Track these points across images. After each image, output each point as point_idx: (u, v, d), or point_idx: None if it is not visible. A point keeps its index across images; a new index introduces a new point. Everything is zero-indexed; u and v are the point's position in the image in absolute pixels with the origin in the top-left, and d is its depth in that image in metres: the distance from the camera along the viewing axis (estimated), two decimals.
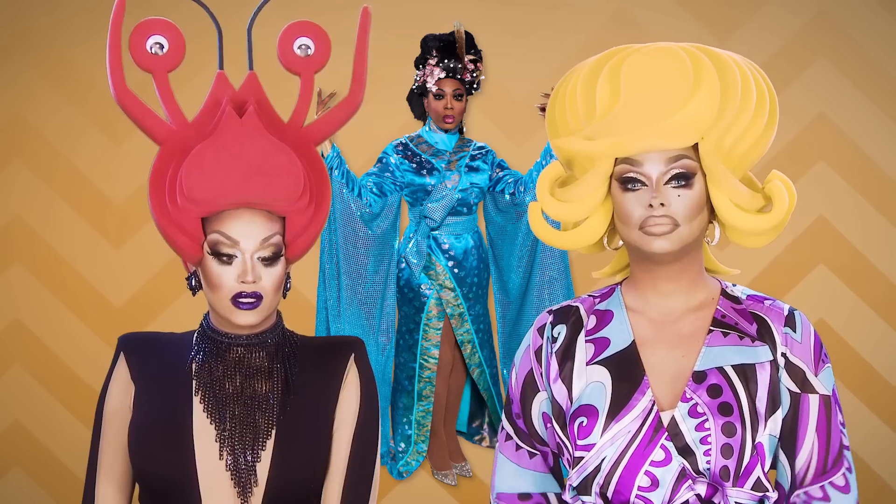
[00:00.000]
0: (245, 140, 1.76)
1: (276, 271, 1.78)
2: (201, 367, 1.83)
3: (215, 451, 1.80)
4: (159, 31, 1.80)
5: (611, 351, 1.79)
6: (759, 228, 1.76)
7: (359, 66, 1.85)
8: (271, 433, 1.80)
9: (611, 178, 1.75)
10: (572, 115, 1.75)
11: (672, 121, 1.68)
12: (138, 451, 1.81)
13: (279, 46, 1.84)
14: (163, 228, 1.78)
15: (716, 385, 1.73)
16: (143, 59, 1.80)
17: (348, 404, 1.85)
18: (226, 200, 1.74)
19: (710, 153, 1.71)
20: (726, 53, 1.75)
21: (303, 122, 1.84)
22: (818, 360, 1.77)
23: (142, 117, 1.79)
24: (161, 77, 1.80)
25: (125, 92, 1.79)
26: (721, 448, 1.71)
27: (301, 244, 1.81)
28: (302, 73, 1.84)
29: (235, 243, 1.76)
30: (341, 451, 1.84)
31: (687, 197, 1.71)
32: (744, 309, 1.79)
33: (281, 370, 1.84)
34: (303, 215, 1.79)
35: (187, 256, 1.79)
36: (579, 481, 1.77)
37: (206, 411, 1.81)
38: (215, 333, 1.84)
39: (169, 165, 1.77)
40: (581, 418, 1.77)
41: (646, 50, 1.73)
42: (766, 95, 1.74)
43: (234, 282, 1.76)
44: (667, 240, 1.71)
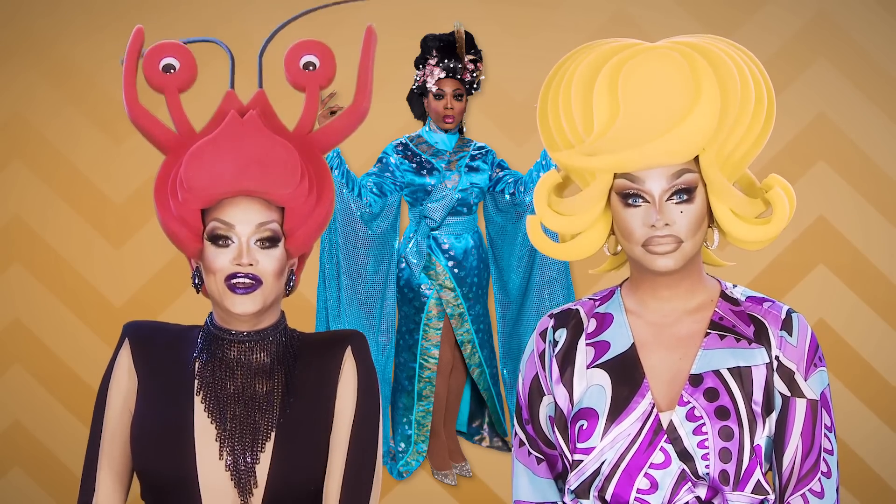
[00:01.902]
0: (245, 135, 1.78)
1: (275, 254, 1.78)
2: (204, 365, 1.84)
3: (216, 451, 1.80)
4: (171, 53, 1.85)
5: (611, 354, 1.78)
6: (758, 239, 1.75)
7: (363, 81, 1.87)
8: (270, 435, 1.80)
9: (610, 189, 1.73)
10: (570, 127, 1.72)
11: (673, 135, 1.65)
12: (140, 449, 1.81)
13: (286, 64, 1.88)
14: (165, 223, 1.80)
15: (712, 388, 1.73)
16: (155, 79, 1.85)
17: (345, 398, 1.84)
18: (223, 188, 1.76)
19: (711, 164, 1.69)
20: (722, 48, 1.71)
21: (307, 132, 1.86)
22: (810, 364, 1.76)
23: (152, 130, 1.84)
24: (172, 95, 1.85)
25: (139, 110, 1.84)
26: (719, 452, 1.71)
27: (302, 236, 1.81)
28: (307, 86, 1.87)
29: (230, 227, 1.76)
30: (339, 447, 1.82)
31: (689, 212, 1.70)
32: (742, 311, 1.79)
33: (281, 370, 1.84)
34: (302, 205, 1.79)
35: (188, 249, 1.81)
36: (578, 484, 1.76)
37: (207, 411, 1.81)
38: (217, 330, 1.84)
39: (174, 167, 1.81)
40: (581, 421, 1.76)
41: (643, 58, 1.68)
42: (764, 92, 1.71)
43: (229, 263, 1.77)
44: (671, 258, 1.70)
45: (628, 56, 1.69)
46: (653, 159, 1.67)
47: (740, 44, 1.76)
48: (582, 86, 1.70)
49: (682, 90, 1.65)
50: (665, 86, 1.66)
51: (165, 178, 1.81)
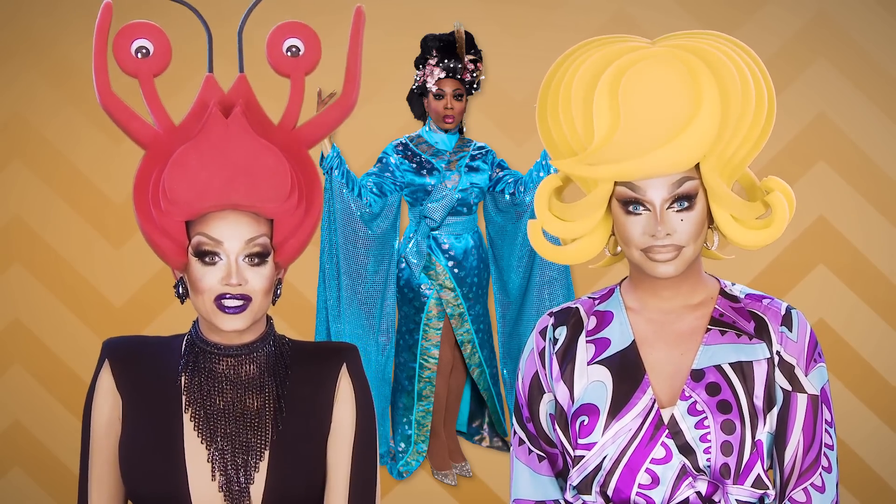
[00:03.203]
0: (230, 140, 1.68)
1: (264, 272, 1.71)
2: (191, 381, 1.77)
3: (207, 471, 1.75)
4: (143, 34, 1.73)
5: (611, 351, 1.79)
6: (758, 243, 1.76)
7: (352, 66, 1.78)
8: (264, 454, 1.75)
9: (611, 195, 1.73)
10: (571, 133, 1.71)
11: (675, 145, 1.64)
12: (130, 471, 1.76)
13: (268, 48, 1.77)
14: (147, 233, 1.71)
15: (714, 383, 1.74)
16: (127, 63, 1.73)
17: (344, 418, 1.79)
18: (210, 202, 1.67)
19: (711, 170, 1.69)
20: (722, 49, 1.70)
21: (294, 125, 1.77)
22: (810, 359, 1.77)
23: (127, 122, 1.72)
24: (147, 81, 1.73)
25: (110, 97, 1.72)
26: (721, 445, 1.71)
27: (291, 248, 1.74)
28: (292, 74, 1.76)
29: (218, 244, 1.68)
30: (341, 467, 1.78)
31: (690, 219, 1.70)
32: (742, 307, 1.80)
33: (273, 384, 1.78)
34: (291, 217, 1.72)
35: (172, 262, 1.73)
36: (580, 480, 1.77)
37: (197, 429, 1.75)
38: (204, 343, 1.77)
39: (153, 170, 1.71)
40: (582, 417, 1.77)
41: (643, 66, 1.66)
42: (765, 93, 1.70)
43: (217, 283, 1.69)
44: (671, 265, 1.71)
45: (628, 63, 1.68)
46: (654, 169, 1.67)
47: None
48: (581, 93, 1.69)
49: (683, 98, 1.65)
50: (666, 94, 1.65)
51: (145, 179, 1.70)
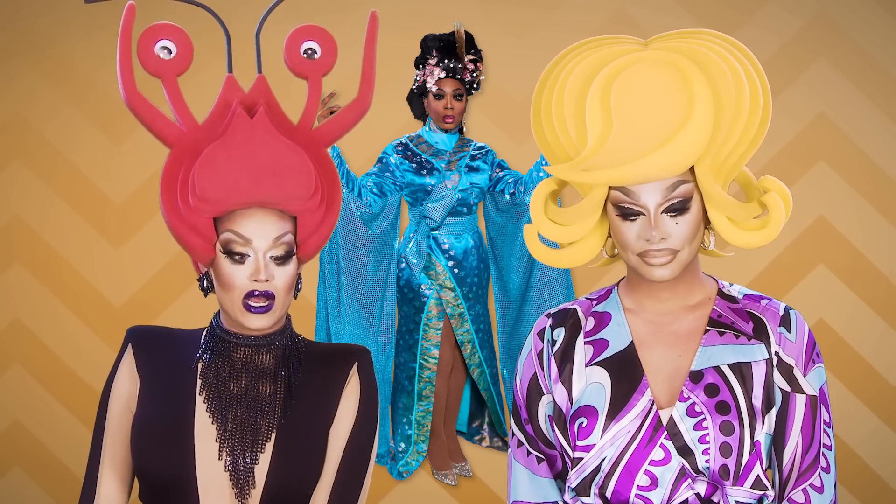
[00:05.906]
0: (256, 140, 1.76)
1: (288, 270, 1.78)
2: (208, 366, 1.84)
3: (215, 451, 1.80)
4: (167, 35, 1.79)
5: (610, 352, 1.79)
6: (755, 244, 1.76)
7: (367, 70, 1.85)
8: (271, 436, 1.81)
9: (606, 199, 1.73)
10: (564, 138, 1.72)
11: (668, 149, 1.64)
12: (139, 449, 1.82)
13: (286, 51, 1.83)
14: (175, 229, 1.77)
15: (712, 384, 1.74)
16: (151, 63, 1.78)
17: (346, 413, 1.85)
18: (238, 199, 1.75)
19: (706, 174, 1.69)
20: (715, 49, 1.69)
21: (312, 125, 1.84)
22: (808, 360, 1.77)
23: (152, 121, 1.78)
24: (170, 81, 1.79)
25: (136, 96, 1.78)
26: (720, 447, 1.71)
27: (312, 244, 1.81)
28: (309, 76, 1.84)
29: (248, 242, 1.76)
30: (332, 458, 1.83)
31: (685, 223, 1.70)
32: (740, 308, 1.80)
33: (285, 374, 1.84)
34: (314, 214, 1.80)
35: (199, 257, 1.79)
36: (578, 482, 1.77)
37: (209, 411, 1.82)
38: (224, 333, 1.84)
39: (180, 167, 1.77)
40: (581, 419, 1.77)
41: (635, 70, 1.66)
42: (760, 94, 1.70)
43: (247, 280, 1.76)
44: (667, 269, 1.71)
45: (619, 68, 1.67)
46: (648, 173, 1.67)
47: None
48: (573, 98, 1.70)
49: (676, 102, 1.64)
50: (658, 99, 1.64)
51: (172, 177, 1.77)
